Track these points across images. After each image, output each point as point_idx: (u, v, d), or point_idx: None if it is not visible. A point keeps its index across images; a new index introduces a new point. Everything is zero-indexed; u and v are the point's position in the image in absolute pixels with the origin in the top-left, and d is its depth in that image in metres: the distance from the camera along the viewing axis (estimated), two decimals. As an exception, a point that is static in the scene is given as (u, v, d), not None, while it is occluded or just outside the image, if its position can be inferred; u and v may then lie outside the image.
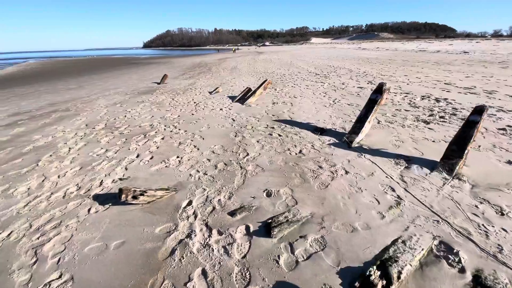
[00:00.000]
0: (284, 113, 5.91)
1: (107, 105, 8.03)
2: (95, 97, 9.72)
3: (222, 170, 3.34)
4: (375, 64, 15.53)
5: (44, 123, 6.25)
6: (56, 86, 13.86)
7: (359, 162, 3.29)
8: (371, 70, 12.67)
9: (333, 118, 5.26)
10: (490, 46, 32.25)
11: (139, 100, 8.57)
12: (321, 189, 2.75)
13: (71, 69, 26.50)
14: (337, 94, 7.51)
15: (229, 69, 18.33)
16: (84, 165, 3.73)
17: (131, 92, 10.43)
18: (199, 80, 13.05)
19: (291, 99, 7.26)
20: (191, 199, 2.73)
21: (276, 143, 4.11)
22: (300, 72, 13.64)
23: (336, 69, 14.26)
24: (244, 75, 13.96)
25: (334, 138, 4.15)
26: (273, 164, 3.38)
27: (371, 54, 25.63)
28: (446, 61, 15.04)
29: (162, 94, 9.57)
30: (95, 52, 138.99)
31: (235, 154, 3.81)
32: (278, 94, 8.18)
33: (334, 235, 2.10)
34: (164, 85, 11.91)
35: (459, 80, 8.56)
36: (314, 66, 16.45)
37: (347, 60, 20.24)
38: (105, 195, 2.91)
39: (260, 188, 2.82)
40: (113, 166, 3.65)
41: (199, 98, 8.29)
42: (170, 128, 5.31)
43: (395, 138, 3.98)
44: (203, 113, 6.34)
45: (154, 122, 5.77)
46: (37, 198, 2.95)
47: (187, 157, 3.82)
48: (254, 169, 3.29)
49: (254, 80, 11.78)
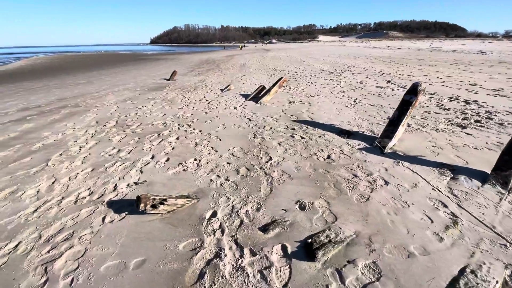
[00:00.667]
0: (303, 113, 5.60)
1: (117, 101, 7.81)
2: (104, 93, 9.52)
3: (245, 176, 3.06)
4: (390, 63, 15.05)
5: (54, 119, 6.05)
6: (65, 81, 13.74)
7: (397, 171, 2.98)
8: (387, 69, 12.23)
9: (357, 119, 4.93)
10: (504, 46, 31.32)
11: (150, 96, 8.33)
12: (362, 202, 2.45)
13: (80, 64, 26.50)
14: (357, 94, 7.15)
15: (238, 66, 18.02)
16: (96, 166, 3.49)
17: (141, 88, 10.22)
18: (208, 77, 12.78)
19: (308, 98, 6.93)
20: (215, 209, 2.46)
21: (300, 146, 3.81)
22: (312, 70, 13.26)
23: (349, 67, 13.84)
24: (254, 73, 13.64)
25: (363, 142, 3.83)
26: (301, 171, 3.08)
27: (383, 53, 25.02)
28: (465, 61, 14.48)
29: (173, 91, 9.33)
30: (103, 48, 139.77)
31: (256, 157, 3.52)
32: (293, 92, 7.86)
33: (388, 260, 1.80)
34: (173, 82, 11.68)
35: (483, 81, 8.12)
36: (326, 64, 16.03)
37: (359, 58, 19.74)
38: (120, 202, 2.66)
39: (291, 199, 2.53)
40: (127, 168, 3.40)
41: (211, 96, 8.02)
42: (184, 127, 5.05)
43: (432, 144, 3.64)
44: (217, 112, 6.06)
45: (167, 121, 5.52)
46: (47, 203, 2.71)
47: (205, 160, 3.55)
48: (280, 176, 3.00)
49: (265, 78, 11.46)
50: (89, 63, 28.28)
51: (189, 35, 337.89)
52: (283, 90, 8.15)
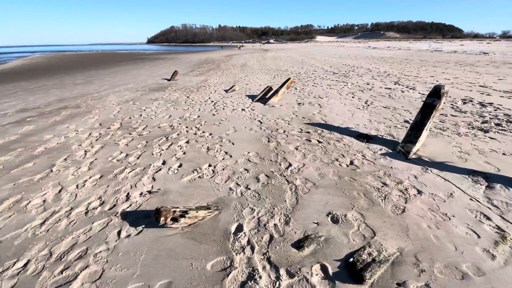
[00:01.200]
0: (315, 115, 5.43)
1: (119, 102, 7.59)
2: (105, 93, 9.29)
3: (265, 184, 2.87)
4: (393, 64, 14.95)
5: (55, 121, 5.82)
6: (64, 81, 13.46)
7: (428, 179, 2.82)
8: (391, 70, 12.11)
9: (373, 122, 4.77)
10: (504, 47, 31.47)
11: (152, 97, 8.12)
12: (398, 214, 2.28)
13: (78, 64, 26.12)
14: (366, 95, 7.00)
15: (239, 66, 17.84)
16: (104, 173, 3.28)
17: (142, 88, 9.99)
18: (210, 77, 12.58)
19: (317, 100, 6.77)
20: (240, 222, 2.27)
21: (319, 151, 3.64)
22: (315, 71, 13.12)
23: (353, 68, 13.71)
24: (257, 73, 13.46)
25: (384, 147, 3.67)
26: (325, 179, 2.91)
27: (384, 53, 24.97)
28: (468, 61, 14.43)
29: (175, 91, 9.12)
30: (100, 47, 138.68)
31: (275, 163, 3.34)
32: (301, 93, 7.69)
33: (442, 282, 1.63)
34: (175, 82, 11.47)
35: (493, 82, 8.02)
36: (328, 65, 15.90)
37: (361, 59, 19.65)
38: (135, 213, 2.47)
39: (321, 211, 2.36)
40: (138, 175, 3.21)
41: (216, 97, 7.82)
42: (193, 130, 4.85)
43: (457, 149, 3.49)
44: (225, 114, 5.87)
45: (174, 123, 5.32)
46: (55, 214, 2.51)
47: (220, 166, 3.36)
48: (303, 184, 2.82)
49: (269, 78, 11.29)
50: (87, 62, 27.89)
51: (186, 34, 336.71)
52: (289, 91, 7.98)
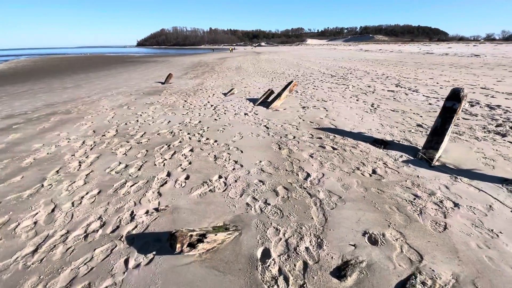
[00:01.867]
0: (323, 119, 5.21)
1: (113, 107, 7.20)
2: (96, 97, 8.86)
3: (286, 198, 2.61)
4: (389, 66, 15.00)
5: (44, 128, 5.41)
6: (51, 85, 12.88)
7: (461, 189, 2.61)
8: (389, 72, 12.09)
9: (386, 127, 4.58)
10: (491, 49, 32.33)
11: (147, 101, 7.76)
12: (440, 231, 2.06)
13: (65, 67, 25.29)
14: (371, 98, 6.85)
15: (234, 69, 17.58)
16: (103, 187, 2.95)
17: (136, 92, 9.60)
18: (206, 80, 12.28)
19: (322, 103, 6.57)
20: (265, 245, 2.00)
21: (336, 159, 3.40)
22: (313, 74, 12.99)
23: (350, 70, 13.66)
24: (253, 76, 13.23)
25: (404, 154, 3.47)
26: (351, 191, 2.67)
27: (378, 56, 25.20)
28: (462, 64, 14.60)
29: (171, 95, 8.78)
30: (88, 50, 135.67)
31: (291, 174, 3.09)
32: (303, 97, 7.49)
33: (515, 319, 1.41)
34: (169, 85, 11.11)
35: (493, 84, 8.02)
36: (324, 67, 15.82)
37: (355, 61, 19.71)
38: (142, 237, 2.16)
39: (356, 230, 2.11)
40: (141, 189, 2.89)
41: (215, 101, 7.54)
42: (196, 136, 4.55)
43: (481, 155, 3.32)
44: (227, 119, 5.60)
45: (174, 129, 5.01)
46: (49, 239, 2.18)
47: (232, 177, 3.08)
48: (328, 197, 2.57)
49: (267, 81, 11.07)
50: (75, 65, 27.05)
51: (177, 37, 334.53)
52: (291, 94, 7.77)
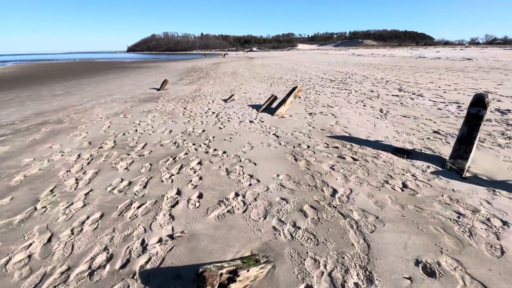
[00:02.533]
0: (334, 126, 4.99)
1: (108, 115, 6.83)
2: (89, 105, 8.45)
3: (316, 219, 2.33)
4: (385, 70, 15.05)
5: (34, 140, 5.01)
6: (40, 92, 12.33)
7: (504, 204, 2.39)
8: (388, 77, 12.08)
9: (402, 134, 4.38)
10: (478, 53, 33.22)
11: (145, 109, 7.42)
12: (498, 256, 1.81)
13: (54, 73, 24.49)
14: (378, 104, 6.69)
15: (230, 74, 17.36)
16: (106, 210, 2.62)
17: (131, 99, 9.23)
18: (203, 86, 11.98)
19: (328, 109, 6.36)
20: (307, 281, 1.71)
21: (360, 171, 3.16)
22: (311, 78, 12.86)
23: (348, 75, 13.60)
24: (251, 81, 13.01)
25: (431, 164, 3.25)
26: (386, 209, 2.42)
27: (371, 60, 25.44)
28: (457, 67, 14.77)
29: (169, 102, 8.45)
30: (77, 56, 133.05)
31: (315, 189, 2.82)
32: (307, 102, 7.28)
33: None
34: (165, 92, 10.77)
35: (494, 88, 8.01)
36: (321, 72, 15.76)
37: (351, 66, 19.78)
38: (159, 273, 1.84)
39: (405, 258, 1.84)
40: (150, 211, 2.57)
41: (216, 107, 7.25)
42: (202, 147, 4.24)
43: (511, 165, 3.14)
44: (232, 127, 5.31)
45: (178, 139, 4.69)
46: (47, 278, 1.84)
47: (250, 194, 2.79)
48: (363, 218, 2.31)
49: (266, 86, 10.86)
50: (65, 72, 26.26)
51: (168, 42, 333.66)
52: (295, 100, 7.55)
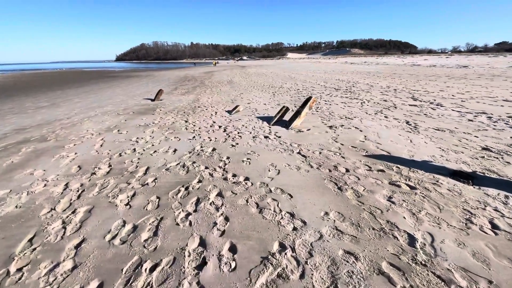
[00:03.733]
0: (365, 143, 4.38)
1: (99, 130, 6.04)
2: (77, 118, 7.62)
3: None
4: (387, 78, 14.81)
5: (11, 164, 4.18)
6: (23, 104, 11.36)
7: None
8: (393, 85, 11.74)
9: (449, 152, 3.78)
10: (465, 60, 33.98)
11: (141, 123, 6.66)
12: None
13: (39, 83, 23.25)
14: (399, 115, 6.16)
15: (226, 83, 16.76)
16: (106, 278, 1.87)
17: (124, 111, 8.45)
18: (201, 96, 11.29)
19: (348, 121, 5.78)
20: None
21: (428, 205, 2.51)
22: (314, 87, 12.40)
23: (351, 83, 13.22)
24: (251, 90, 12.42)
25: (507, 192, 2.66)
26: (493, 265, 1.76)
27: (367, 68, 25.44)
28: (458, 75, 14.67)
29: (167, 114, 7.73)
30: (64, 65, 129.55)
31: (385, 236, 2.14)
32: (320, 113, 6.70)
33: None
34: (161, 103, 10.02)
35: (510, 95, 7.69)
36: (321, 80, 15.38)
37: (348, 74, 19.58)
38: None
39: None
40: (169, 278, 1.83)
41: (222, 120, 6.57)
42: (217, 171, 3.53)
43: None
44: (247, 144, 4.63)
45: (185, 161, 3.96)
46: None
47: (301, 246, 2.09)
48: (471, 283, 1.66)
49: (269, 96, 10.28)
50: (51, 82, 25.02)
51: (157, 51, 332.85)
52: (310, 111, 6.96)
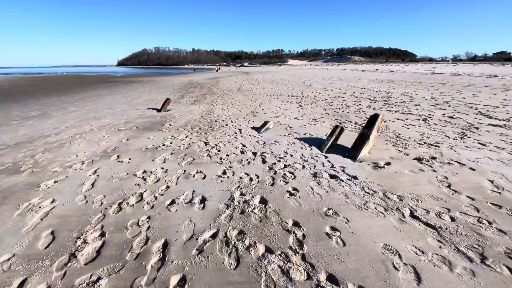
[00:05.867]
0: (502, 194, 2.85)
1: (93, 156, 4.51)
2: (67, 135, 6.10)
3: None
4: (421, 87, 13.41)
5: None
6: (10, 112, 9.81)
7: None
8: (438, 96, 10.32)
9: None
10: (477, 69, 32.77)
11: (147, 143, 5.15)
12: None
13: (35, 88, 21.71)
14: (495, 139, 4.66)
15: (236, 91, 15.30)
16: None
17: (125, 125, 6.95)
18: (214, 107, 9.80)
19: (435, 150, 4.24)
20: None
21: None
22: (343, 97, 10.94)
23: (385, 93, 11.78)
24: (268, 99, 10.95)
25: None
26: None
27: (384, 76, 24.11)
28: (496, 85, 13.29)
29: (179, 131, 6.22)
30: (65, 69, 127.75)
31: None
32: (385, 136, 5.19)
33: None
34: (169, 114, 8.54)
35: None
36: (346, 89, 13.95)
37: (370, 82, 18.20)
38: None
39: None
40: None
41: (252, 143, 5.05)
42: (293, 262, 1.99)
43: None
44: (310, 191, 3.08)
45: (226, 227, 2.41)
46: None
47: None
48: None
49: (295, 108, 8.80)
50: (48, 86, 23.43)
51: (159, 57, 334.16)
52: (378, 134, 5.46)
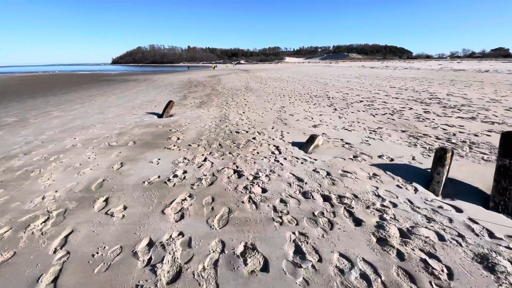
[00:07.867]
0: None
1: (68, 200, 2.84)
2: (40, 155, 4.44)
3: None
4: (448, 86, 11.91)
5: None
6: (-23, 121, 8.03)
7: None
8: (491, 95, 8.81)
9: None
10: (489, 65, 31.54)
11: (151, 173, 3.49)
12: None
13: (22, 88, 19.60)
14: None
15: (244, 90, 13.62)
16: None
17: (119, 138, 5.29)
18: (227, 111, 8.13)
19: None
20: None
21: None
22: (379, 98, 9.37)
23: (428, 94, 10.25)
24: (291, 101, 9.31)
25: None
26: None
27: (400, 74, 22.55)
28: None
29: (191, 148, 4.58)
30: (58, 68, 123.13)
31: None
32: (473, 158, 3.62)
33: None
34: (173, 121, 6.88)
35: None
36: (376, 88, 12.38)
37: (393, 80, 16.64)
38: None
39: None
40: None
41: (308, 172, 3.41)
42: None
43: None
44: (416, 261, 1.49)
45: None
46: None
47: None
48: None
49: (330, 111, 7.20)
50: (35, 86, 21.29)
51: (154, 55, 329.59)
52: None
